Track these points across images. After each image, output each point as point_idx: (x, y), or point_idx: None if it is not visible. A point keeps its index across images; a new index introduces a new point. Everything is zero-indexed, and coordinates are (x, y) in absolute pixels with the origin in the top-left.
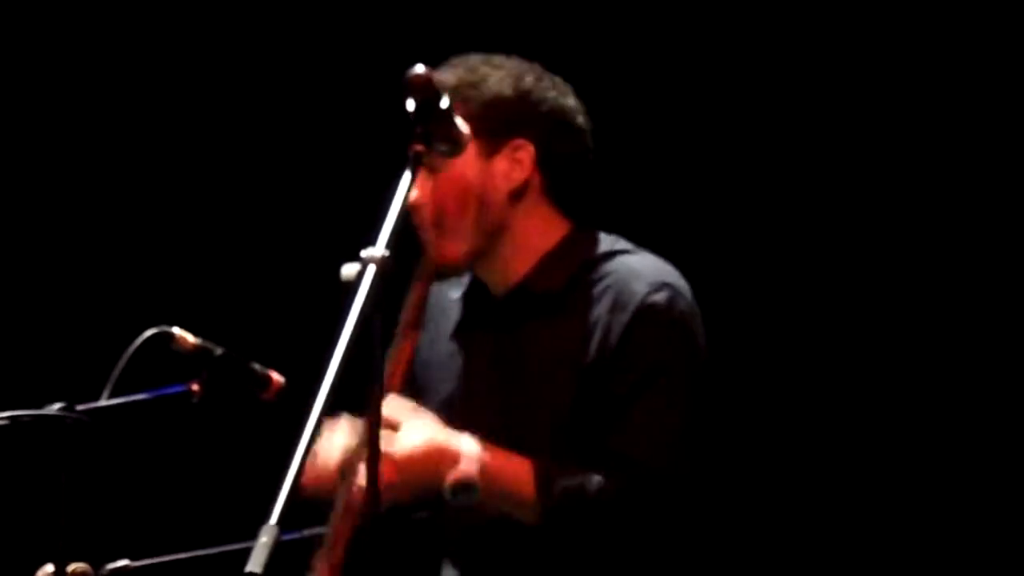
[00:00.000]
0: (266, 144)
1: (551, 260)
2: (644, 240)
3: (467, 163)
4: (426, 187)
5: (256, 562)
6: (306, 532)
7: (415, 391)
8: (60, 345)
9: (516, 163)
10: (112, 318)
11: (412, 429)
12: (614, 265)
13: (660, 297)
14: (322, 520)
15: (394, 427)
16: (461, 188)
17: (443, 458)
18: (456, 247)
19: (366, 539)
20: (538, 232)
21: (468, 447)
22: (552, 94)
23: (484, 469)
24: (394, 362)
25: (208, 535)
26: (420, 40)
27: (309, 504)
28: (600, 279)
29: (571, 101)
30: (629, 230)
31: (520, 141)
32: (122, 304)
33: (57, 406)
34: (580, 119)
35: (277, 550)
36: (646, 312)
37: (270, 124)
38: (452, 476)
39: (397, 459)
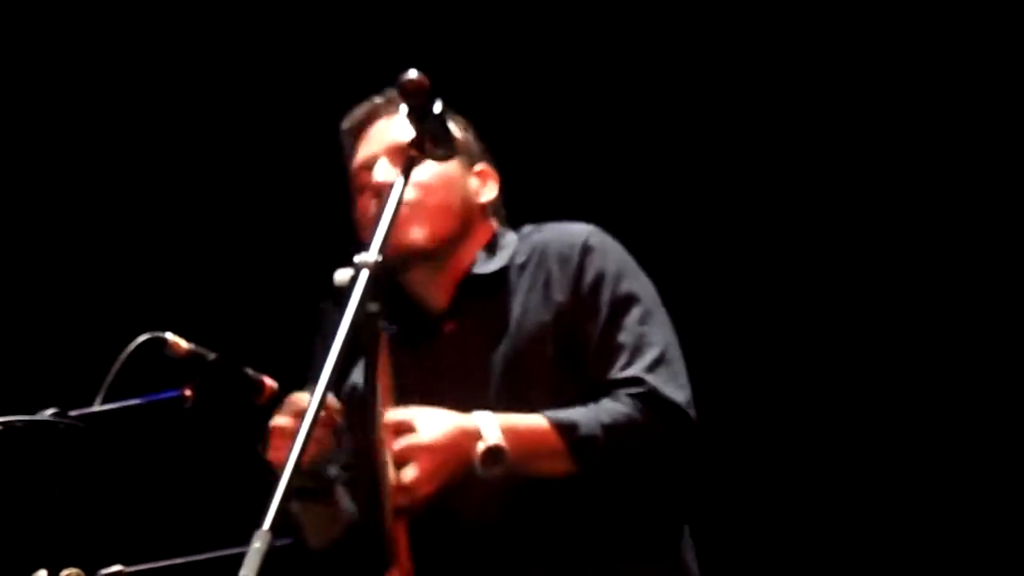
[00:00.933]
0: (258, 151)
1: (488, 248)
2: (637, 242)
3: (454, 170)
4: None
5: (249, 567)
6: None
7: None
8: (53, 351)
9: (486, 183)
10: (105, 324)
11: (428, 421)
12: (542, 233)
13: (596, 239)
14: None
15: (410, 427)
16: (442, 180)
17: (466, 435)
18: (420, 231)
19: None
20: (478, 242)
21: (485, 419)
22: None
23: (507, 435)
24: (381, 375)
25: (201, 540)
26: (412, 45)
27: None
28: (535, 248)
29: None
30: (625, 231)
31: (489, 168)
32: (115, 310)
33: (50, 412)
34: None
35: (270, 555)
36: (590, 249)
37: (262, 131)
38: (481, 449)
39: (428, 447)
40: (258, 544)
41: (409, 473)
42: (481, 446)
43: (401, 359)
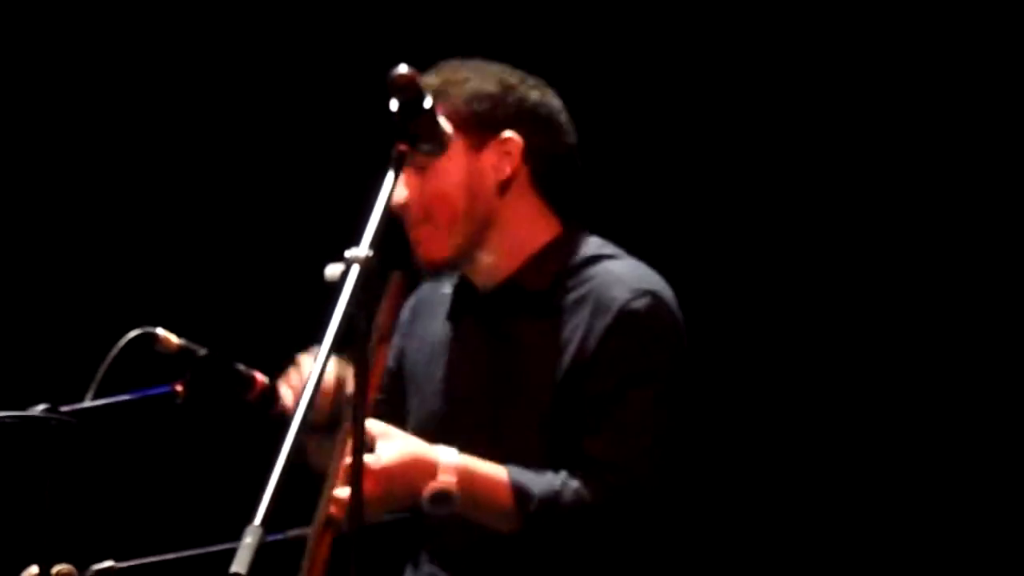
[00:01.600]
0: (249, 145)
1: (538, 260)
2: (636, 243)
3: (455, 158)
4: (413, 185)
5: (240, 563)
6: (290, 533)
7: (401, 385)
8: (44, 346)
9: (504, 156)
10: (96, 319)
11: (388, 441)
12: (598, 269)
13: (640, 304)
14: (306, 522)
15: (369, 442)
16: (451, 183)
17: (421, 468)
18: (445, 243)
19: (350, 547)
20: (526, 227)
21: (445, 457)
22: (535, 92)
23: (462, 479)
24: (368, 373)
25: (193, 536)
26: (403, 41)
27: (293, 505)
28: (583, 282)
29: (554, 99)
30: (621, 232)
31: (508, 135)
32: (106, 305)
33: (41, 407)
34: (563, 117)
35: (261, 551)
36: (625, 318)
37: (253, 125)
38: (430, 487)
39: (375, 471)
40: (249, 539)
41: (347, 491)
42: (431, 486)
43: (450, 340)
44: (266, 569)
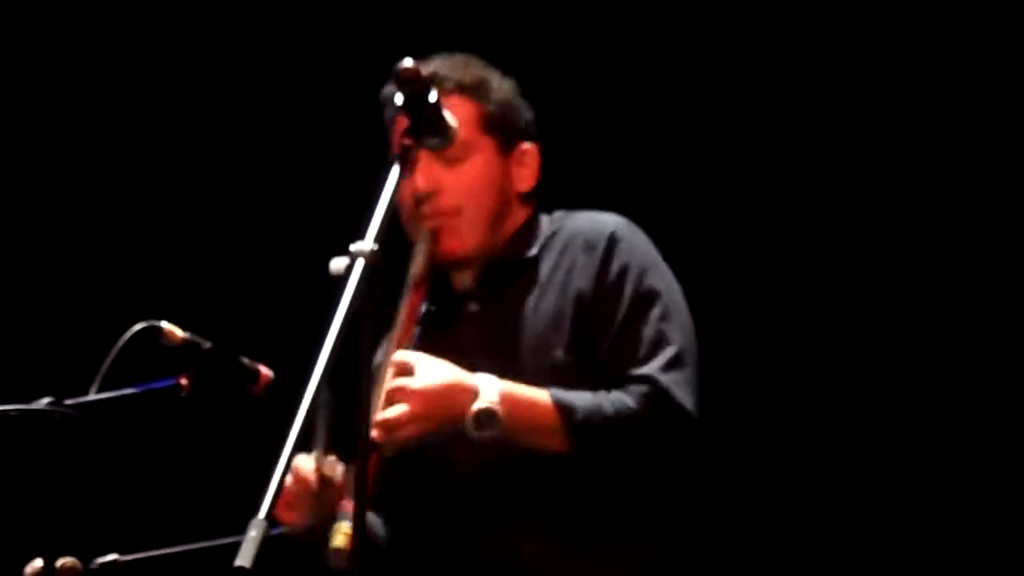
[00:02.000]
0: (254, 139)
1: (518, 234)
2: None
3: (489, 158)
4: (437, 175)
5: (245, 556)
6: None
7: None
8: (49, 340)
9: (525, 167)
10: (101, 313)
11: (429, 367)
12: (572, 220)
13: (623, 227)
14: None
15: (409, 370)
16: (485, 181)
17: (463, 392)
18: (473, 238)
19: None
20: (512, 224)
21: (486, 381)
22: (520, 99)
23: (505, 400)
24: (403, 318)
25: (197, 529)
26: (406, 35)
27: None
28: (562, 233)
29: None
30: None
31: (527, 146)
32: (111, 299)
33: (46, 401)
34: None
35: (265, 544)
36: (616, 241)
37: (258, 119)
38: (474, 408)
39: (419, 391)
40: (254, 532)
41: (392, 411)
42: (475, 406)
43: (425, 334)
44: (270, 562)
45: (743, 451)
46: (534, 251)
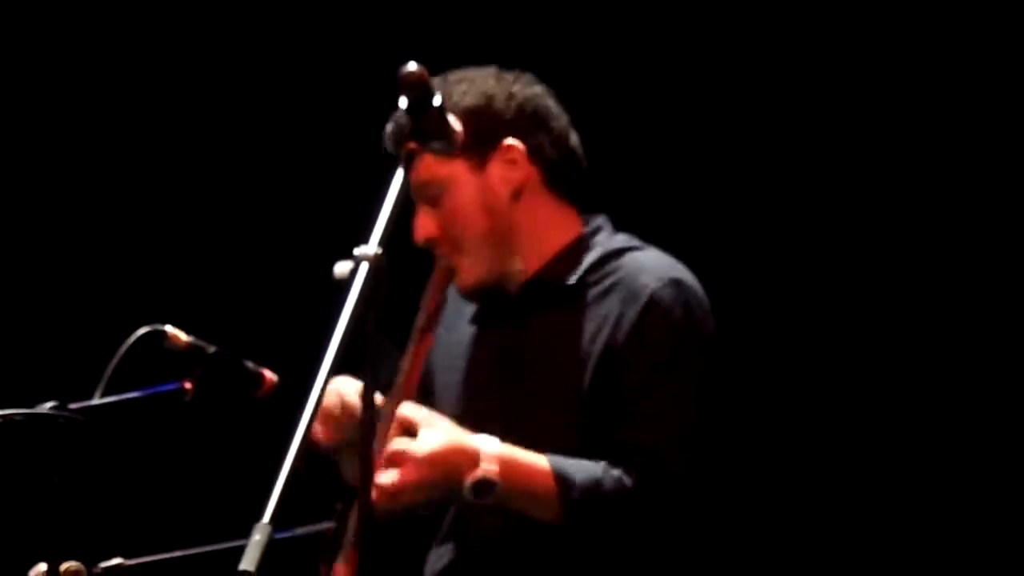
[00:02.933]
0: (258, 143)
1: (565, 255)
2: (654, 237)
3: (463, 183)
4: (431, 222)
5: (249, 560)
6: (299, 531)
7: (424, 385)
8: (53, 344)
9: (510, 164)
10: (105, 316)
11: (431, 429)
12: (625, 260)
13: (670, 291)
14: (314, 519)
15: (412, 429)
16: (466, 208)
17: (463, 457)
18: (479, 267)
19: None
20: (547, 227)
21: (487, 446)
22: (519, 89)
23: (504, 468)
24: (409, 366)
25: (201, 533)
26: (410, 39)
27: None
28: (610, 274)
29: (537, 87)
30: (637, 226)
31: (508, 142)
32: (115, 302)
33: (50, 405)
34: (551, 102)
35: (270, 548)
36: (656, 305)
37: (262, 123)
38: (472, 475)
39: (418, 458)
40: (258, 537)
41: (389, 477)
42: (475, 474)
43: (473, 339)
44: (275, 567)
45: (745, 452)
46: (575, 278)
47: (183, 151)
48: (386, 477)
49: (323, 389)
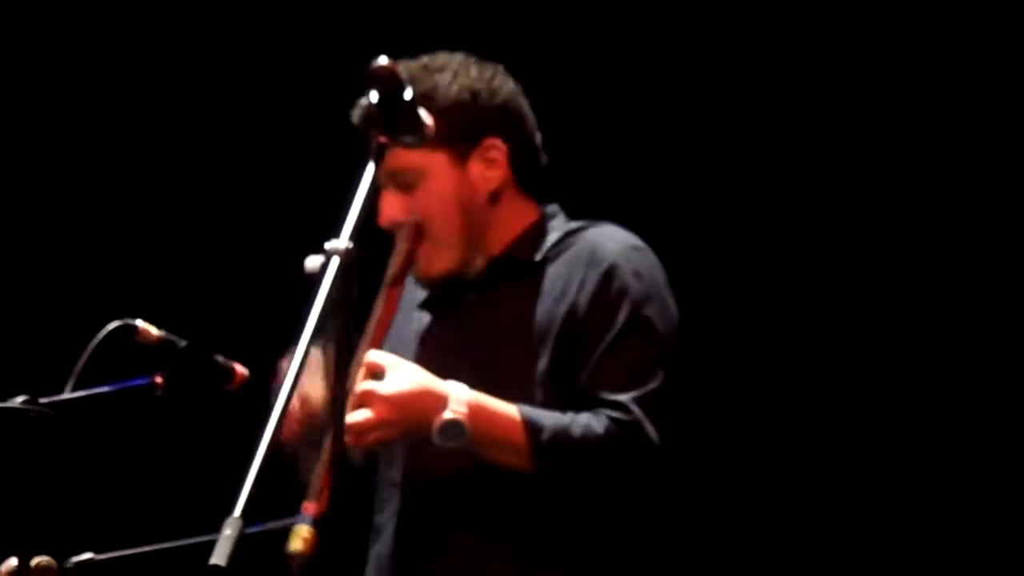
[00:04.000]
0: (228, 137)
1: (526, 236)
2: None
3: (442, 175)
4: (398, 204)
5: (220, 555)
6: (270, 525)
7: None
8: (23, 338)
9: (490, 164)
10: (76, 311)
11: (399, 372)
12: (586, 233)
13: (632, 254)
14: (286, 513)
15: (380, 373)
16: (443, 201)
17: (432, 399)
18: (445, 259)
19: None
20: (513, 221)
21: (456, 391)
22: (499, 86)
23: (473, 412)
24: (378, 316)
25: (172, 528)
26: (383, 33)
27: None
28: (571, 246)
29: (512, 85)
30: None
31: (490, 141)
32: (86, 297)
33: (20, 399)
34: (523, 100)
35: (241, 543)
36: (618, 267)
37: (232, 118)
38: (441, 417)
39: (387, 397)
40: (229, 531)
41: (359, 416)
42: (443, 416)
43: (429, 323)
44: (246, 561)
45: (738, 452)
46: (539, 256)
47: (153, 147)
48: (354, 416)
49: (294, 384)
